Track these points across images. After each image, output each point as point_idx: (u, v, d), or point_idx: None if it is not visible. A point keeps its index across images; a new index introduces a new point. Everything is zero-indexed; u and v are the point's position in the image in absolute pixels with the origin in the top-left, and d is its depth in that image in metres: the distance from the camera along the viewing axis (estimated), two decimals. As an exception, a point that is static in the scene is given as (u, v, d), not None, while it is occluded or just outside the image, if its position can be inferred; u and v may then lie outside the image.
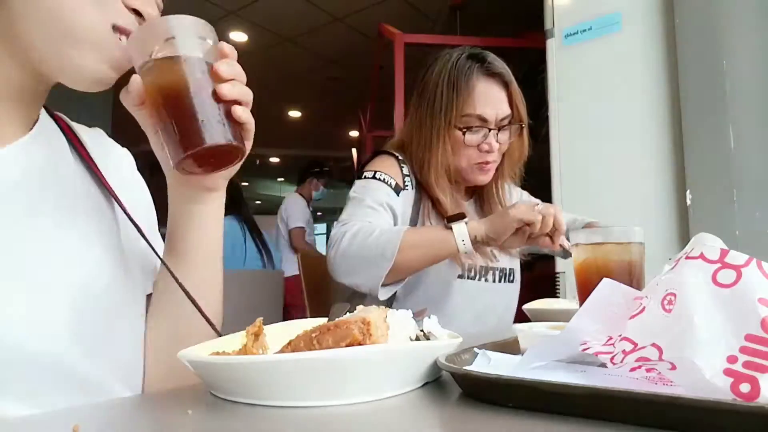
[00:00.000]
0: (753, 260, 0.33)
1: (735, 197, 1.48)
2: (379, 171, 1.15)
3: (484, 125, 1.13)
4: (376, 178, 1.14)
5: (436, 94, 1.15)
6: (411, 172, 1.19)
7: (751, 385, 0.29)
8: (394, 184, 1.14)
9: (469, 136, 1.13)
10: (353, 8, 4.01)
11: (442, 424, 0.35)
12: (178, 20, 0.51)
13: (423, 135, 1.16)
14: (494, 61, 1.16)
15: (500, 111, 1.14)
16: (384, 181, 1.14)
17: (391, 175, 1.15)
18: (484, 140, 1.13)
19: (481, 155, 1.14)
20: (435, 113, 1.14)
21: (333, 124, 6.92)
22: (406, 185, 1.17)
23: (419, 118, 1.17)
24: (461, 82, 1.13)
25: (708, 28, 1.58)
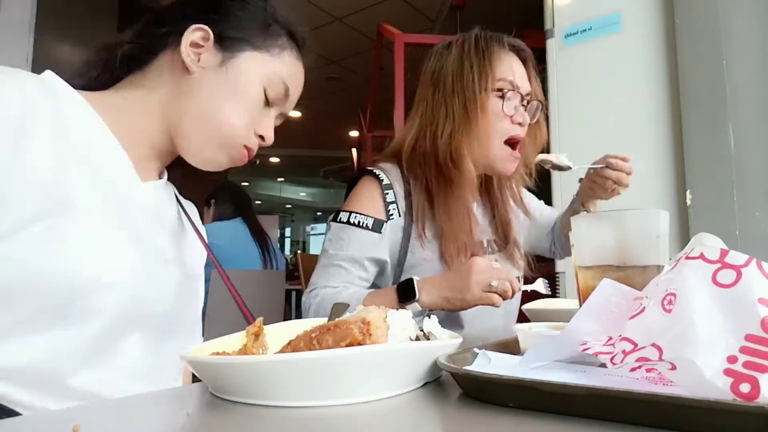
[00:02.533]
0: (753, 260, 0.33)
1: (735, 197, 1.49)
2: (355, 212, 1.06)
3: (518, 91, 1.07)
4: (351, 223, 1.06)
5: (464, 66, 1.08)
6: (401, 191, 1.10)
7: (751, 385, 0.29)
8: (371, 223, 1.06)
9: (506, 103, 1.06)
10: (353, 8, 4.02)
11: (442, 424, 0.35)
12: None
13: (452, 108, 1.08)
14: (515, 39, 1.13)
15: (525, 85, 1.10)
16: (360, 225, 1.05)
17: (369, 212, 1.06)
18: (517, 111, 1.08)
19: (514, 127, 1.08)
20: (467, 82, 1.07)
21: (333, 124, 6.93)
22: (391, 215, 1.07)
23: (443, 96, 1.10)
24: (492, 51, 1.09)
25: (708, 28, 1.58)
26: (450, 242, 1.07)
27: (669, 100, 1.67)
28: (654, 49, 1.72)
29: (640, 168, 1.70)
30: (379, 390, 0.39)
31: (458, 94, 1.08)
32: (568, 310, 0.88)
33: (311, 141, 7.70)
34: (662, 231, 0.54)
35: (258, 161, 8.83)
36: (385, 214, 1.08)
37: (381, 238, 1.06)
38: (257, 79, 0.70)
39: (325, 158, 8.51)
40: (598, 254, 0.55)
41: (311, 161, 8.83)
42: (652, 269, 0.53)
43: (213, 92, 0.68)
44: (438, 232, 1.08)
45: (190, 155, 0.70)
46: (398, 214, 1.08)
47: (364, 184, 1.12)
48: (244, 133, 0.70)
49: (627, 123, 1.75)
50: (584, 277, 0.57)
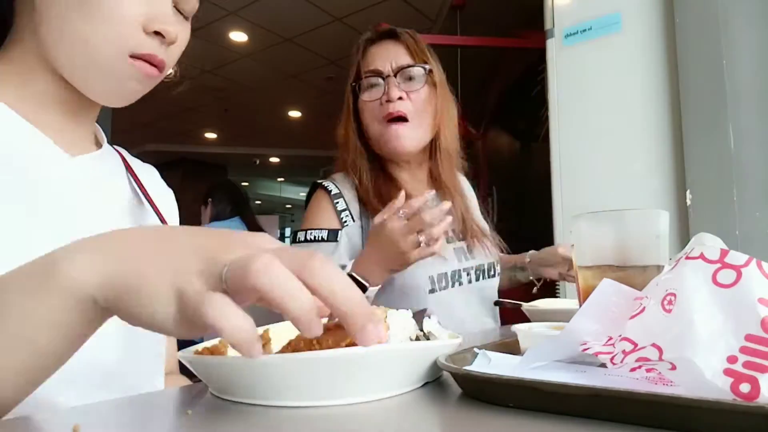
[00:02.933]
0: (753, 260, 0.33)
1: (735, 197, 1.49)
2: (310, 229, 1.10)
3: (378, 76, 1.12)
4: (307, 239, 1.09)
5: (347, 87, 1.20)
6: (352, 196, 1.13)
7: (751, 385, 0.29)
8: (326, 235, 1.09)
9: (365, 94, 1.14)
10: (353, 8, 4.02)
11: (442, 424, 0.35)
12: None
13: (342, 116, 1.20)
14: (383, 27, 1.19)
15: (399, 61, 1.13)
16: (316, 239, 1.08)
17: (322, 225, 1.10)
18: (383, 93, 1.11)
19: (385, 107, 1.10)
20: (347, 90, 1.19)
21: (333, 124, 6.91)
22: (345, 222, 1.10)
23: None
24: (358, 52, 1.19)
25: (708, 28, 1.58)
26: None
27: (669, 100, 1.67)
28: (654, 49, 1.71)
29: (640, 168, 1.71)
30: (379, 390, 0.39)
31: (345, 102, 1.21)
32: (568, 310, 0.88)
33: (311, 141, 7.69)
34: (662, 231, 0.54)
35: (258, 161, 8.83)
36: (339, 222, 1.10)
37: (337, 246, 1.08)
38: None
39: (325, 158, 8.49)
40: (598, 254, 0.55)
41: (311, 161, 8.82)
42: (652, 269, 0.53)
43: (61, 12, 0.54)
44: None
45: (91, 96, 0.60)
46: (352, 219, 1.11)
47: (315, 199, 1.17)
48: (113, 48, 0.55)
49: (627, 123, 1.75)
50: (584, 277, 0.57)
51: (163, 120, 6.41)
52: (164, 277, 0.31)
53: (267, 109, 6.39)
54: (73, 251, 0.34)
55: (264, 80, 5.48)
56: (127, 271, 0.32)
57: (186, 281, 0.31)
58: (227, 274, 0.30)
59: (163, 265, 0.32)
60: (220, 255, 0.31)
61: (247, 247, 0.32)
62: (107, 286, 0.32)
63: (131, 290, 0.32)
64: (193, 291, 0.30)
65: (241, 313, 0.29)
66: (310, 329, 0.30)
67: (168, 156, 7.50)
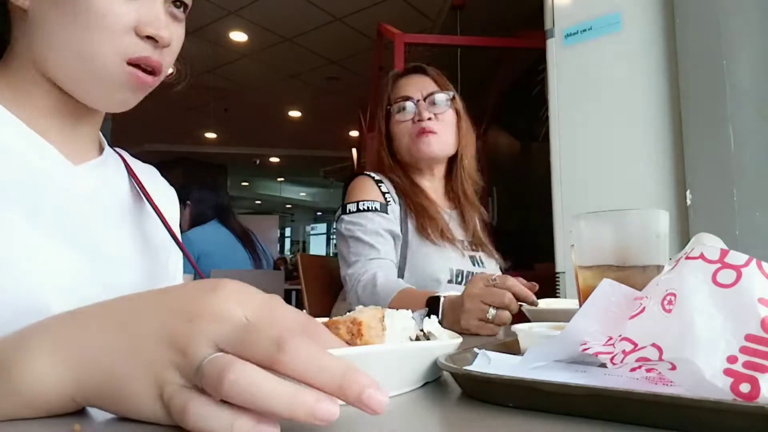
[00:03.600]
0: (753, 260, 0.33)
1: (735, 197, 1.48)
2: (361, 201, 1.22)
3: (409, 101, 1.29)
4: (361, 209, 1.20)
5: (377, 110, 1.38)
6: (391, 188, 1.28)
7: (751, 385, 0.29)
8: (379, 206, 1.21)
9: (399, 114, 1.30)
10: (353, 8, 4.02)
11: (442, 424, 0.35)
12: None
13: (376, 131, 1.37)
14: (409, 65, 1.39)
15: (424, 89, 1.31)
16: (370, 210, 1.20)
17: (372, 198, 1.23)
18: (415, 114, 1.28)
19: (417, 126, 1.27)
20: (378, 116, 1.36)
21: (333, 124, 6.93)
22: (388, 201, 1.24)
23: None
24: (388, 84, 1.37)
25: (708, 28, 1.58)
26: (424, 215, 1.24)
27: (669, 100, 1.67)
28: (654, 49, 1.71)
29: (640, 168, 1.71)
30: (379, 390, 0.39)
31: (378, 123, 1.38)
32: (568, 310, 0.88)
33: (311, 141, 7.69)
34: (662, 231, 0.54)
35: (258, 161, 8.83)
36: (384, 200, 1.24)
37: (389, 217, 1.21)
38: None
39: (325, 158, 8.52)
40: (598, 254, 0.55)
41: (311, 161, 8.83)
42: (652, 269, 0.53)
43: (54, 22, 0.55)
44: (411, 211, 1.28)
45: (89, 104, 0.60)
46: (394, 201, 1.26)
47: (359, 180, 1.29)
48: (112, 51, 0.55)
49: (627, 123, 1.75)
50: (584, 277, 0.57)
51: (163, 120, 6.41)
52: (140, 376, 0.29)
53: (267, 109, 6.40)
54: (27, 352, 0.31)
55: (264, 80, 5.48)
56: (98, 373, 0.30)
57: (163, 379, 0.29)
58: (200, 376, 0.28)
59: (134, 360, 0.30)
60: (189, 342, 0.29)
61: (214, 319, 0.30)
62: (79, 391, 0.31)
63: (108, 393, 0.30)
64: (172, 391, 0.29)
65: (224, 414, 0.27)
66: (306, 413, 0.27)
67: (168, 156, 7.51)
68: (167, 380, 0.29)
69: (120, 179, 0.69)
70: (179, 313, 0.31)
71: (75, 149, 0.62)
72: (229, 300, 0.31)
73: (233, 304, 0.31)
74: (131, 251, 0.64)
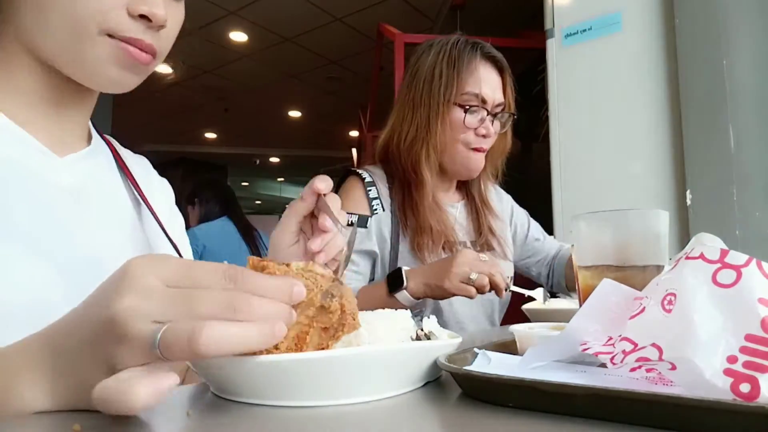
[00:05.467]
0: (753, 260, 0.33)
1: (735, 197, 1.48)
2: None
3: (483, 106, 1.12)
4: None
5: (434, 74, 1.13)
6: (385, 190, 1.15)
7: (751, 385, 0.29)
8: (356, 219, 1.09)
9: (469, 116, 1.11)
10: (353, 8, 4.01)
11: (442, 424, 0.35)
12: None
13: (418, 116, 1.13)
14: (492, 48, 1.17)
15: (497, 95, 1.14)
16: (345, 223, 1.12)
17: (353, 210, 1.11)
18: (482, 124, 1.12)
19: (478, 140, 1.13)
20: (433, 91, 1.12)
21: (333, 124, 6.92)
22: (375, 210, 1.12)
23: (412, 100, 1.14)
24: (463, 61, 1.12)
25: (708, 28, 1.58)
26: (419, 235, 1.11)
27: (669, 100, 1.67)
28: (654, 49, 1.71)
29: (640, 168, 1.71)
30: (379, 390, 0.39)
31: (425, 103, 1.12)
32: (568, 310, 0.88)
33: (311, 141, 7.69)
34: (662, 231, 0.54)
35: (258, 161, 8.82)
36: (369, 209, 1.12)
37: (367, 232, 1.10)
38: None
39: (325, 158, 8.52)
40: (598, 254, 0.55)
41: (311, 161, 8.83)
42: (652, 269, 0.53)
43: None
44: (413, 223, 1.13)
45: (78, 79, 0.56)
46: (382, 208, 1.13)
47: (347, 184, 1.18)
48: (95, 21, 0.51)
49: (627, 123, 1.75)
50: (584, 277, 0.57)
51: (163, 120, 6.41)
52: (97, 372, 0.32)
53: (267, 109, 6.39)
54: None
55: (264, 80, 5.48)
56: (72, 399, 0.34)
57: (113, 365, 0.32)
58: (162, 347, 0.30)
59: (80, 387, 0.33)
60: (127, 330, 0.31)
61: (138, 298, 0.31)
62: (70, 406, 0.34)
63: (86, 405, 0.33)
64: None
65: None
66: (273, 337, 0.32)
67: (168, 156, 7.51)
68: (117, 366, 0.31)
69: (109, 171, 0.65)
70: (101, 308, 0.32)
71: (60, 139, 0.58)
72: (143, 275, 0.32)
73: (149, 277, 0.32)
74: (117, 251, 0.59)
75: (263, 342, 0.32)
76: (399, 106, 1.19)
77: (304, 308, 0.37)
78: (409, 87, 1.17)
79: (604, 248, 0.55)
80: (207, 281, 0.33)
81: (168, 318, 0.31)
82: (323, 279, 0.38)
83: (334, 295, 0.38)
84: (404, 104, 1.17)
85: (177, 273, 0.33)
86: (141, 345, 0.30)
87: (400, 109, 1.18)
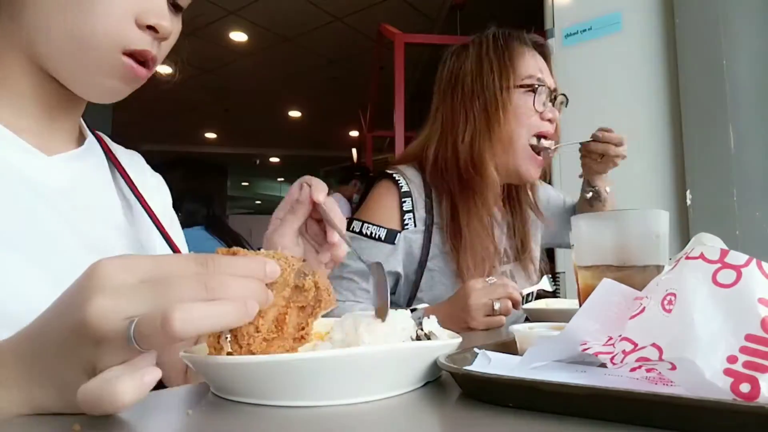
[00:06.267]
0: (753, 260, 0.33)
1: (735, 197, 1.49)
2: (368, 222, 1.02)
3: (545, 86, 1.06)
4: (363, 233, 1.01)
5: (483, 67, 1.06)
6: (421, 202, 1.05)
7: (751, 385, 0.29)
8: (384, 234, 1.01)
9: (537, 98, 1.04)
10: (353, 8, 4.02)
11: (442, 424, 0.35)
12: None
13: (473, 113, 1.04)
14: (536, 35, 1.12)
15: (549, 80, 1.08)
16: (372, 236, 1.01)
17: (383, 222, 1.02)
18: (546, 107, 1.05)
19: (543, 124, 1.05)
20: (487, 83, 1.04)
21: (333, 124, 6.93)
22: (406, 225, 1.02)
23: (462, 102, 1.06)
24: (513, 48, 1.07)
25: (708, 28, 1.58)
26: (468, 253, 1.02)
27: (669, 100, 1.67)
28: (654, 49, 1.71)
29: (640, 168, 1.71)
30: (379, 390, 0.39)
31: (478, 96, 1.05)
32: (568, 310, 0.88)
33: (311, 141, 7.69)
34: (662, 231, 0.54)
35: (258, 161, 8.82)
36: (400, 223, 1.03)
37: (394, 249, 1.02)
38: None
39: (325, 158, 8.52)
40: (598, 254, 0.55)
41: (311, 161, 8.83)
42: (652, 269, 0.53)
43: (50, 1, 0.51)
44: (457, 243, 1.04)
45: (76, 91, 0.56)
46: (414, 224, 1.03)
47: (382, 189, 1.07)
48: (107, 42, 0.52)
49: (627, 123, 1.75)
50: (584, 277, 0.57)
51: (163, 120, 6.41)
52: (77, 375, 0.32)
53: (267, 109, 6.40)
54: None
55: (264, 80, 5.48)
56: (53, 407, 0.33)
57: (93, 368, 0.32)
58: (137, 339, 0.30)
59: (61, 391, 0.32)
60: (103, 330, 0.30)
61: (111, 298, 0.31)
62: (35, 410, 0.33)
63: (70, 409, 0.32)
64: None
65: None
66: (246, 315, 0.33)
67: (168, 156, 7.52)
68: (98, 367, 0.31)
69: (100, 171, 0.64)
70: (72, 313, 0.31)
71: (50, 139, 0.57)
72: (112, 275, 0.31)
73: (118, 276, 0.31)
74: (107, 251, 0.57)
75: (237, 319, 0.32)
76: (443, 112, 1.10)
77: (279, 289, 0.37)
78: (454, 90, 1.09)
79: (604, 248, 0.55)
80: (179, 270, 0.33)
81: (142, 311, 0.31)
82: (294, 260, 0.39)
83: (307, 273, 0.39)
84: (451, 109, 1.08)
85: (148, 267, 0.32)
86: (119, 343, 0.30)
87: (447, 114, 1.09)
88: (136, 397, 0.29)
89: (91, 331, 0.30)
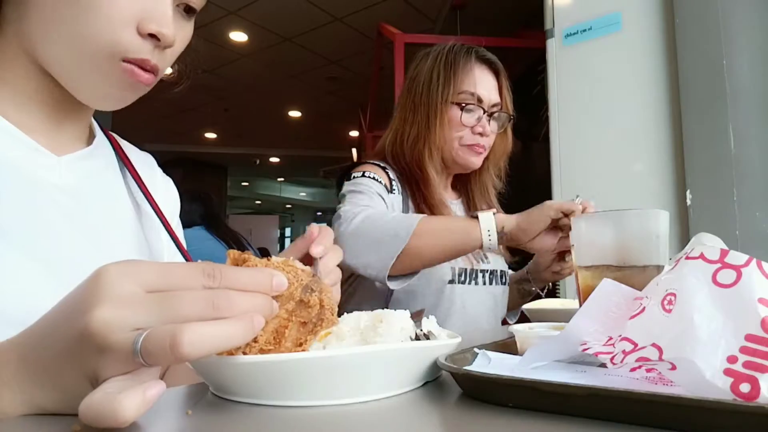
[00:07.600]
0: (753, 260, 0.33)
1: (735, 197, 1.48)
2: (368, 171, 1.15)
3: (479, 105, 1.17)
4: (366, 176, 1.13)
5: (432, 76, 1.18)
6: (396, 177, 1.18)
7: (751, 385, 0.29)
8: (384, 182, 1.14)
9: (465, 115, 1.16)
10: (353, 8, 4.01)
11: (442, 424, 0.35)
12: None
13: (418, 115, 1.18)
14: (486, 52, 1.22)
15: (492, 96, 1.19)
16: (375, 179, 1.13)
17: (379, 175, 1.15)
18: (478, 122, 1.16)
19: (474, 137, 1.17)
20: (432, 93, 1.17)
21: (333, 124, 6.92)
22: (393, 189, 1.15)
23: (413, 102, 1.20)
24: (459, 63, 1.18)
25: (708, 28, 1.57)
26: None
27: (669, 100, 1.67)
28: (654, 49, 1.71)
29: (640, 168, 1.71)
30: (379, 390, 0.39)
31: (424, 103, 1.17)
32: (568, 310, 0.88)
33: (311, 141, 7.69)
34: (662, 231, 0.54)
35: (258, 161, 8.82)
36: (389, 184, 1.15)
37: (389, 199, 1.13)
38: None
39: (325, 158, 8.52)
40: (597, 254, 0.55)
41: (311, 161, 8.83)
42: (651, 269, 0.53)
43: (51, 5, 0.50)
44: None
45: (80, 98, 0.55)
46: (397, 191, 1.16)
47: (365, 165, 1.19)
48: (109, 46, 0.51)
49: (627, 123, 1.75)
50: (584, 277, 0.57)
51: (163, 120, 6.41)
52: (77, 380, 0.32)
53: (267, 109, 6.39)
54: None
55: (264, 80, 5.48)
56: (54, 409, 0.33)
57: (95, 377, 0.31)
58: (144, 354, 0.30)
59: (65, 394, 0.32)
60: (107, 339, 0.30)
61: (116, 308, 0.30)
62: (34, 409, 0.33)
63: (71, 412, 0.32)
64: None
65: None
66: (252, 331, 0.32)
67: (168, 156, 7.51)
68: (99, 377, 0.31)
69: (110, 171, 0.63)
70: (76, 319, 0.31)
71: (60, 139, 0.57)
72: (118, 283, 0.31)
73: (125, 284, 0.31)
74: (115, 252, 0.58)
75: (245, 338, 0.32)
76: (400, 109, 1.23)
77: (284, 302, 0.37)
78: (409, 91, 1.22)
79: (604, 248, 0.55)
80: (186, 281, 0.32)
81: (149, 324, 0.30)
82: (303, 273, 0.39)
83: (314, 289, 0.38)
84: (405, 107, 1.22)
85: (155, 276, 0.32)
86: (123, 354, 0.30)
87: (402, 112, 1.22)
88: (138, 413, 0.28)
89: (94, 340, 0.30)
